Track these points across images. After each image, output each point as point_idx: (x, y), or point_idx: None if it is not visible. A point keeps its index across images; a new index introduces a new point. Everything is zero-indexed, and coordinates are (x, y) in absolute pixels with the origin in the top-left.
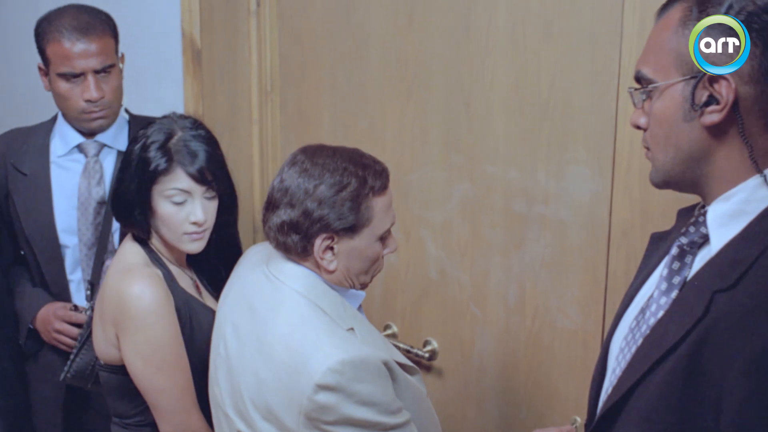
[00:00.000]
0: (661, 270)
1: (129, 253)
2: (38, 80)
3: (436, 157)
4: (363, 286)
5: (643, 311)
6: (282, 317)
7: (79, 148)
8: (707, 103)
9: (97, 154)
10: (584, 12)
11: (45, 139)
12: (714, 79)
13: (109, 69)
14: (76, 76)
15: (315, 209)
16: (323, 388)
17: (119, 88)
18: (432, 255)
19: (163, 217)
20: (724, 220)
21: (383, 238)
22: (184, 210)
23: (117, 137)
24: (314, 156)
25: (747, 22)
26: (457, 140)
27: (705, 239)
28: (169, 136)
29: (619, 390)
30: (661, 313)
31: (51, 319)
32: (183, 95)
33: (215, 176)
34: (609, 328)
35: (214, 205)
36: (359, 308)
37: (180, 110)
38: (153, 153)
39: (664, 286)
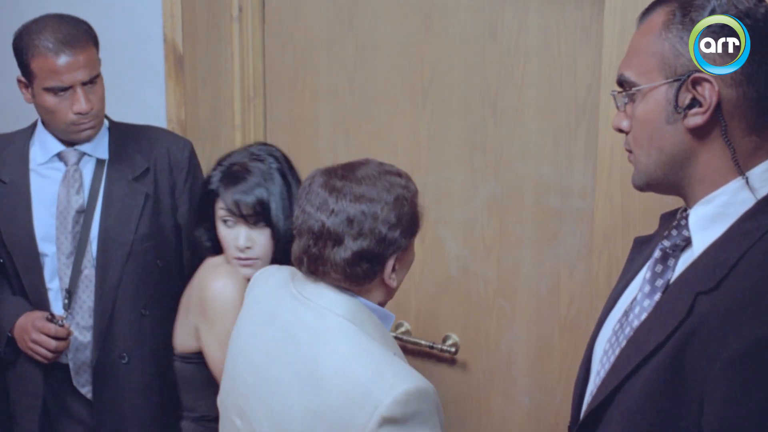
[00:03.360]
0: (644, 273)
1: (219, 258)
2: (14, 87)
3: (456, 158)
4: None
5: (626, 314)
6: (333, 347)
7: (59, 156)
8: (690, 106)
9: (77, 163)
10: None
11: (24, 146)
12: (697, 82)
13: (95, 79)
14: (64, 89)
15: (388, 231)
16: (388, 420)
17: (104, 97)
18: (452, 253)
19: (220, 238)
20: (706, 223)
21: None
22: (232, 233)
23: (97, 145)
24: (349, 178)
25: None
26: (482, 141)
27: (687, 242)
28: (235, 160)
29: (603, 391)
30: (644, 316)
31: (29, 329)
32: (165, 101)
33: (254, 210)
34: (593, 331)
35: (263, 234)
36: None
37: (162, 115)
38: (214, 173)
39: (647, 288)
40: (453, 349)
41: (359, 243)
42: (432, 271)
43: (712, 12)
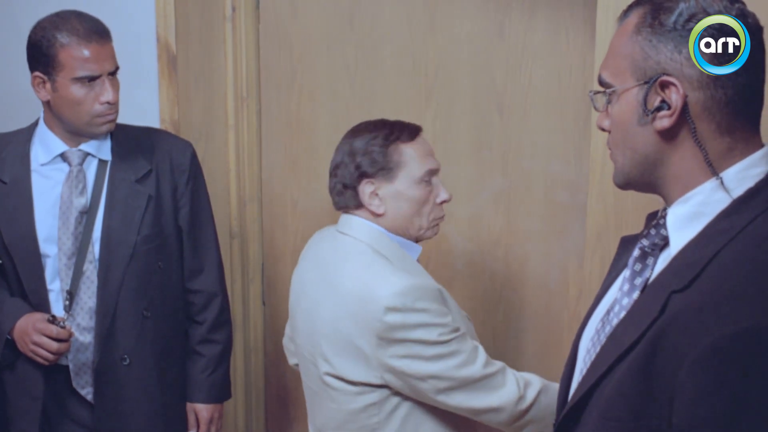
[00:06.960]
0: (624, 272)
1: None
2: (11, 86)
3: (462, 156)
4: (425, 234)
5: (608, 312)
6: (349, 262)
7: (63, 156)
8: (659, 108)
9: (81, 163)
10: None
11: (25, 146)
12: (665, 85)
13: (116, 71)
14: (92, 79)
15: (352, 161)
16: (391, 309)
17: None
18: (458, 248)
19: None
20: (683, 222)
21: (427, 184)
22: None
23: (101, 146)
24: (356, 129)
25: None
26: (489, 138)
27: (666, 241)
28: None
29: (581, 389)
30: (623, 314)
31: (30, 331)
32: (158, 101)
33: None
34: (578, 330)
35: None
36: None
37: (155, 115)
38: None
39: (626, 287)
40: None
41: (339, 173)
42: (436, 266)
43: (680, 15)
